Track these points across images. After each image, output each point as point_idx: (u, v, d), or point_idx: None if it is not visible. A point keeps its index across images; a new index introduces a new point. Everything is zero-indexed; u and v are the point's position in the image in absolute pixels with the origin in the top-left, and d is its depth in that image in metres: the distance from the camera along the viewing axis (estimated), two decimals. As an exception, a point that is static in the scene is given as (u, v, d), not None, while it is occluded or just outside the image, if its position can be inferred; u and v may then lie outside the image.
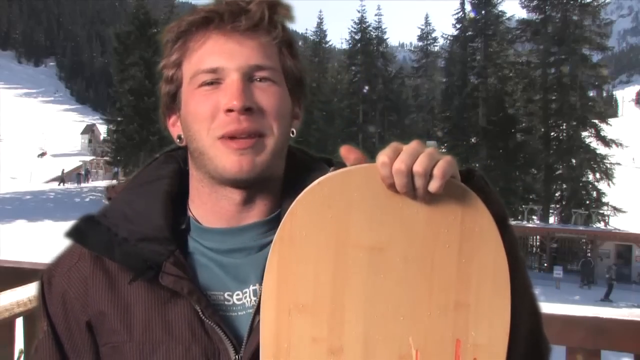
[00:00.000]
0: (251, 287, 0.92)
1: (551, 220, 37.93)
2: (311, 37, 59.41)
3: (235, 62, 0.89)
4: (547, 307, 1.83)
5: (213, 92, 0.89)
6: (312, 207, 0.78)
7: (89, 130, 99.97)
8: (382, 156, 0.75)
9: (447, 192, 0.76)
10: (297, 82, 0.96)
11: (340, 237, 0.77)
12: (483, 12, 43.41)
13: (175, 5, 52.52)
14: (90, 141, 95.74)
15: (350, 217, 0.77)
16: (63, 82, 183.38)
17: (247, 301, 0.91)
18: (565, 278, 25.79)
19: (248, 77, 0.90)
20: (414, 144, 0.76)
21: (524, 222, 33.77)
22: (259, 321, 0.86)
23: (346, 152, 0.79)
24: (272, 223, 0.93)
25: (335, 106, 49.39)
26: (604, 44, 39.98)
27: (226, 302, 0.91)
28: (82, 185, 53.58)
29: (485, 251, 0.78)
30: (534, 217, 36.56)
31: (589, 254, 28.84)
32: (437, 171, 0.74)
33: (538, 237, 31.49)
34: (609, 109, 68.62)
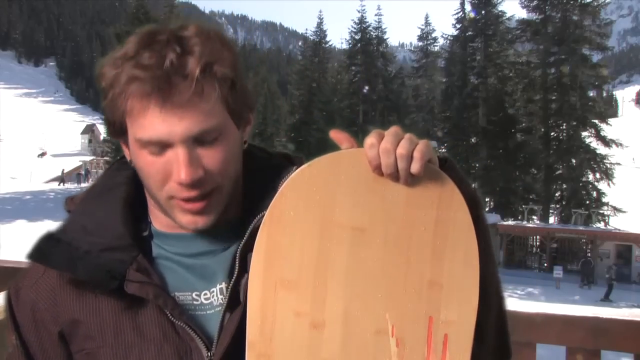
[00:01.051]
0: (218, 286, 0.93)
1: (551, 220, 37.91)
2: (311, 37, 59.35)
3: (178, 135, 0.85)
4: (547, 307, 1.83)
5: (160, 157, 0.87)
6: (300, 188, 0.83)
7: (89, 130, 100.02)
8: (370, 139, 0.81)
9: (425, 177, 0.82)
10: (243, 106, 0.93)
11: (325, 217, 0.82)
12: (483, 12, 43.40)
13: (175, 5, 52.47)
14: (90, 141, 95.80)
15: (335, 198, 0.82)
16: (63, 82, 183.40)
17: (215, 300, 0.93)
18: (565, 278, 25.78)
19: (194, 143, 0.87)
20: (394, 129, 0.82)
21: (524, 222, 33.77)
22: (229, 318, 0.89)
23: (335, 135, 0.86)
24: (235, 224, 0.95)
25: (335, 106, 49.39)
26: (604, 44, 39.96)
27: (194, 302, 0.92)
28: (82, 185, 53.53)
29: (458, 234, 0.83)
30: (534, 217, 36.55)
31: (589, 254, 28.81)
32: (417, 153, 0.80)
33: (538, 237, 31.46)
34: (609, 109, 68.58)
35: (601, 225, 35.31)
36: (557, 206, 38.98)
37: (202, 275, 0.94)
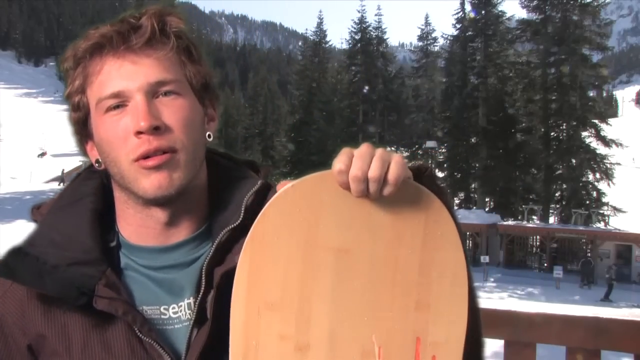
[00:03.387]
0: (186, 301, 0.93)
1: (551, 220, 37.90)
2: (311, 37, 59.34)
3: (135, 82, 0.88)
4: (547, 307, 1.83)
5: (120, 115, 0.89)
6: (283, 209, 0.81)
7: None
8: (338, 164, 0.77)
9: (410, 195, 0.80)
10: (203, 86, 0.96)
11: (309, 238, 0.81)
12: (483, 12, 43.35)
13: (175, 6, 52.45)
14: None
15: (319, 219, 0.81)
16: (63, 82, 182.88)
17: (183, 314, 0.92)
18: (565, 278, 25.77)
19: (151, 95, 0.89)
20: (364, 148, 0.78)
21: (524, 222, 33.77)
22: (196, 334, 0.89)
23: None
24: (201, 237, 0.95)
25: (335, 106, 49.36)
26: (604, 44, 39.93)
27: (162, 316, 0.92)
28: (82, 185, 53.49)
29: (446, 254, 0.82)
30: (534, 217, 36.54)
31: (589, 254, 28.81)
32: (390, 176, 0.77)
33: (538, 237, 31.45)
34: (609, 109, 68.60)
35: (601, 225, 35.29)
36: (557, 206, 38.95)
37: (170, 289, 0.93)
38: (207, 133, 0.97)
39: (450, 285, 0.82)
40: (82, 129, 0.95)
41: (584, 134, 38.53)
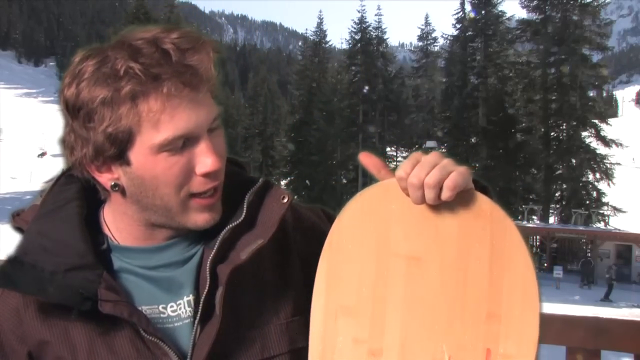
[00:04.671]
0: (185, 298, 0.93)
1: (551, 220, 37.90)
2: (311, 37, 59.35)
3: (202, 124, 0.86)
4: (547, 307, 1.83)
5: (180, 155, 0.86)
6: (356, 217, 0.85)
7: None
8: (400, 171, 0.81)
9: (475, 206, 0.82)
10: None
11: (380, 245, 0.84)
12: (483, 12, 43.37)
13: (175, 5, 52.47)
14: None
15: (389, 227, 0.84)
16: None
17: (183, 312, 0.92)
18: (565, 278, 25.78)
19: (208, 132, 0.88)
20: (431, 157, 0.81)
21: (524, 222, 33.75)
22: (202, 332, 0.88)
23: (364, 158, 0.87)
24: (194, 235, 0.94)
25: (335, 106, 49.34)
26: (604, 44, 39.95)
27: (161, 315, 0.92)
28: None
29: (515, 266, 0.82)
30: (534, 217, 36.54)
31: (589, 254, 28.82)
32: (448, 182, 0.79)
33: (538, 237, 31.46)
34: (609, 109, 68.58)
35: (601, 225, 35.30)
36: (557, 206, 38.96)
37: (168, 288, 0.93)
38: None
39: (521, 297, 0.81)
40: (109, 158, 0.87)
41: (584, 134, 38.54)
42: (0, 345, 0.92)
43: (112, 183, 0.89)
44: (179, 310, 0.92)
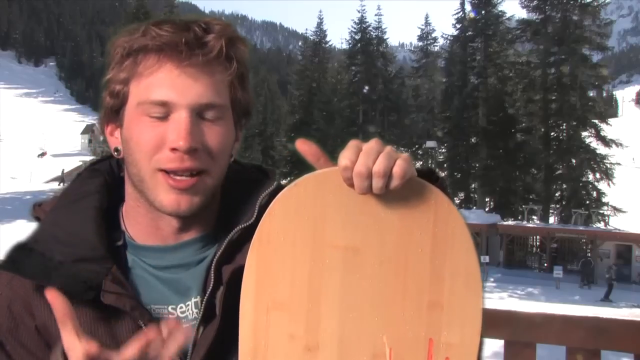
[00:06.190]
0: (193, 300, 0.93)
1: (551, 220, 37.89)
2: (311, 37, 59.33)
3: (187, 98, 0.87)
4: (547, 307, 1.83)
5: (159, 123, 0.88)
6: (289, 208, 0.79)
7: (89, 130, 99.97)
8: (344, 159, 0.75)
9: (418, 193, 0.78)
10: (243, 113, 0.96)
11: (316, 237, 0.79)
12: (483, 12, 43.37)
13: (175, 5, 52.44)
14: (90, 141, 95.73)
15: (325, 217, 0.79)
16: (63, 82, 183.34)
17: (190, 313, 0.93)
18: (565, 278, 25.77)
19: (197, 114, 0.88)
20: (372, 144, 0.76)
21: (524, 222, 33.76)
22: (203, 332, 0.89)
23: (302, 146, 0.81)
24: (208, 238, 0.95)
25: (335, 106, 49.38)
26: (604, 44, 39.93)
27: (170, 316, 0.92)
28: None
29: (457, 253, 0.79)
30: (534, 217, 36.52)
31: (589, 254, 28.80)
32: (396, 170, 0.74)
33: (538, 237, 31.44)
34: (609, 109, 68.60)
35: (601, 225, 35.29)
36: (557, 206, 38.96)
37: (177, 289, 0.93)
38: (231, 154, 0.97)
39: (464, 284, 0.79)
40: (112, 115, 0.93)
41: (584, 134, 38.54)
42: (13, 318, 0.93)
43: (115, 147, 0.94)
44: (187, 311, 0.93)
